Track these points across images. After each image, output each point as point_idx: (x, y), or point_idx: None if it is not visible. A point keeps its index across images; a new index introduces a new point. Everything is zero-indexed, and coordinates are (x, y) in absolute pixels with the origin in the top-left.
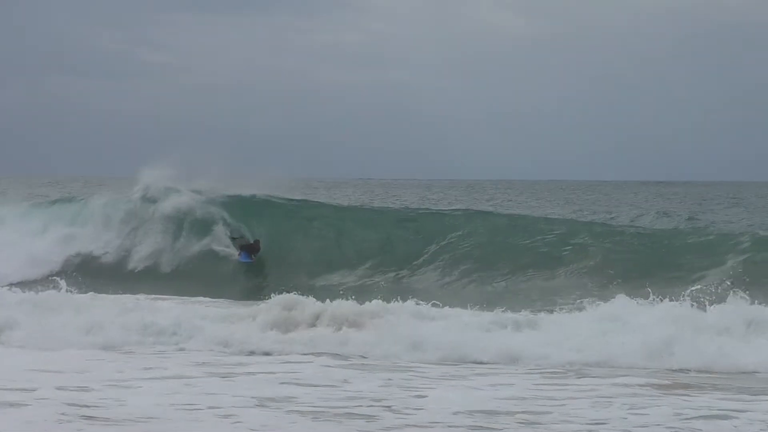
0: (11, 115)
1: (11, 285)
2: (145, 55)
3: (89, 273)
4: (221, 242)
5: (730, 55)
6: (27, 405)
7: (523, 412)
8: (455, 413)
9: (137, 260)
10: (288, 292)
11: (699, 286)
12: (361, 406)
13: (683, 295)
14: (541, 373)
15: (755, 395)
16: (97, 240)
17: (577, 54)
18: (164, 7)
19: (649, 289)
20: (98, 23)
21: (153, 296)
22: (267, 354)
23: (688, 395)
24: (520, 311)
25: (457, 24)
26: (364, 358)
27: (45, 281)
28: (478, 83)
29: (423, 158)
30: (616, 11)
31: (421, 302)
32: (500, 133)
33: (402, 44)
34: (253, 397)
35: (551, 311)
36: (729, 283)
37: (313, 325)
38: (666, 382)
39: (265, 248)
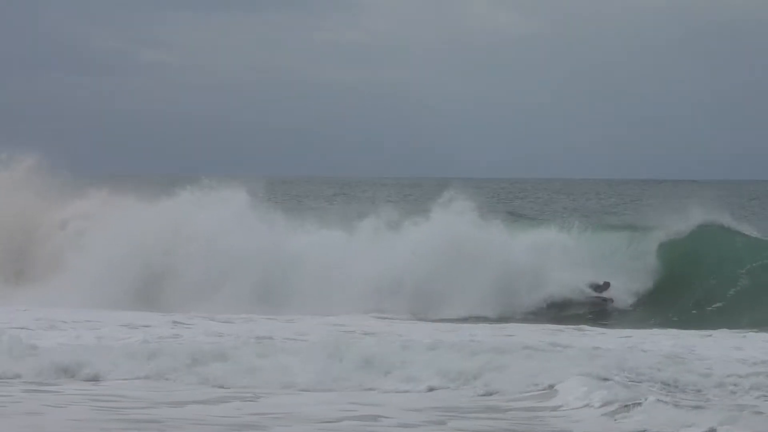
0: (11, 114)
1: None
2: (145, 53)
3: None
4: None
5: (729, 52)
6: None
7: None
8: None
9: None
10: None
11: None
12: None
13: None
14: None
15: None
16: None
17: (576, 52)
18: (163, 5)
19: None
20: (97, 21)
21: None
22: None
23: None
24: None
25: (457, 22)
26: None
27: None
28: (478, 81)
29: (422, 157)
30: (615, 9)
31: None
32: (501, 132)
33: (402, 43)
34: None
35: None
36: None
37: None
38: None
39: None
